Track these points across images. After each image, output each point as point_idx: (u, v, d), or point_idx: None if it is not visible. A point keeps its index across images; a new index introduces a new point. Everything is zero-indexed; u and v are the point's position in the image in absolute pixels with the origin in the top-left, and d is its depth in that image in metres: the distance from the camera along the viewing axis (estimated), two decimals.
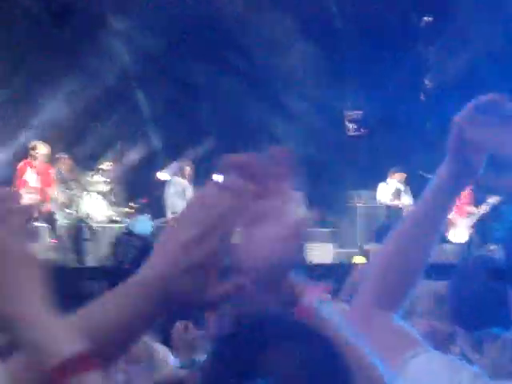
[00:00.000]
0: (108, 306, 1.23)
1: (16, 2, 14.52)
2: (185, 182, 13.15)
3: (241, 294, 1.22)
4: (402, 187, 13.63)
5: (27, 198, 11.75)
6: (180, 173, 13.28)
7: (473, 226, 13.46)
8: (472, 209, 13.54)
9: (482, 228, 13.55)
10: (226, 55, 14.73)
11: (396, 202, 13.49)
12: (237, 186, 1.23)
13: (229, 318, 2.92)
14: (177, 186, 13.09)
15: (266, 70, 14.65)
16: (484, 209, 13.45)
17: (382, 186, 13.80)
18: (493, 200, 13.39)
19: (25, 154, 12.70)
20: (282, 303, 1.26)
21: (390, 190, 13.65)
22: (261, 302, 1.26)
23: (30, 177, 12.30)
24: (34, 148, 12.25)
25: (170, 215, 12.82)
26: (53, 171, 12.73)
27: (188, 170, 13.25)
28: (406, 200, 13.43)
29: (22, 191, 12.05)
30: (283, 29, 14.55)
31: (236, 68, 14.67)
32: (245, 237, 1.26)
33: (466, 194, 13.47)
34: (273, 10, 14.50)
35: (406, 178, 13.61)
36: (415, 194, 13.38)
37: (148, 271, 1.23)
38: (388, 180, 13.81)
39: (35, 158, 12.30)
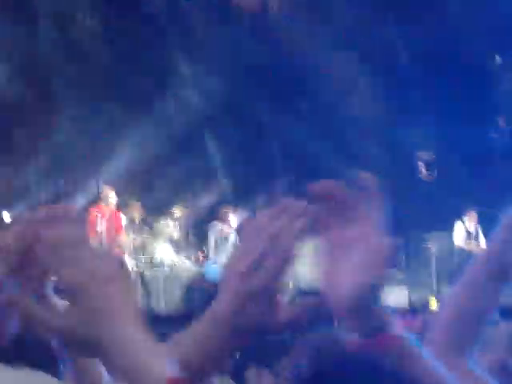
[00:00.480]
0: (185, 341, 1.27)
1: (90, 51, 14.85)
2: (224, 227, 12.95)
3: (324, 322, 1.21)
4: (474, 228, 13.38)
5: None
6: (220, 217, 13.04)
7: None
8: None
9: None
10: (294, 97, 14.75)
11: (469, 245, 13.23)
12: (287, 207, 1.23)
13: (305, 360, 2.81)
14: (215, 231, 12.91)
15: (335, 111, 14.61)
16: None
17: (457, 228, 13.55)
18: None
19: (97, 199, 12.84)
20: (370, 328, 1.23)
21: (464, 232, 13.42)
22: (348, 327, 1.24)
23: (99, 222, 12.39)
24: (103, 193, 12.39)
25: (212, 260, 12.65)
26: (123, 217, 12.81)
27: (228, 215, 12.96)
28: (482, 241, 13.21)
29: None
30: (350, 69, 14.52)
31: (304, 110, 14.67)
32: (331, 264, 1.25)
33: None
34: (339, 50, 14.49)
35: (478, 219, 13.37)
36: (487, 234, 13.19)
37: (215, 306, 1.26)
38: (462, 221, 13.58)
39: (105, 204, 12.42)
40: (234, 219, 12.89)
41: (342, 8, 14.85)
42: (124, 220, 12.92)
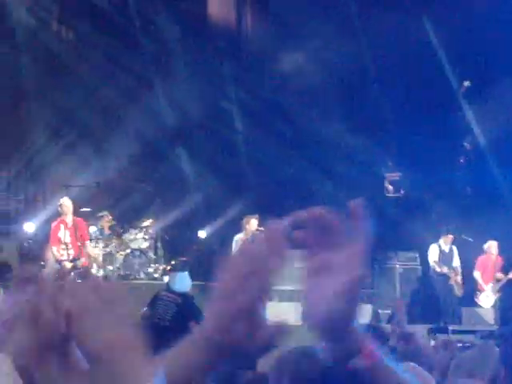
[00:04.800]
0: (173, 360, 1.28)
1: None
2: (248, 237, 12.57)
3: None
4: (449, 249, 13.54)
5: (61, 253, 11.82)
6: (244, 228, 12.50)
7: (499, 291, 13.57)
8: (500, 275, 13.64)
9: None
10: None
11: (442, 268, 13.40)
12: (274, 237, 1.28)
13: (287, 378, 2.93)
14: (238, 243, 12.33)
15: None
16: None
17: (431, 249, 13.61)
18: None
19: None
20: (347, 350, 1.30)
21: (438, 253, 13.48)
22: (326, 349, 1.30)
23: (63, 233, 12.15)
24: (61, 205, 12.17)
25: None
26: (90, 226, 12.80)
27: (253, 223, 12.46)
28: (456, 262, 13.45)
29: (57, 248, 11.99)
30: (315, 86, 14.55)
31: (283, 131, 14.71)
32: (310, 286, 1.30)
33: (497, 261, 13.52)
34: None
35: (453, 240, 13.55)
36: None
37: (203, 324, 1.29)
38: (438, 243, 13.64)
39: (64, 214, 12.14)
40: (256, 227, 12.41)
41: None
42: (92, 230, 12.98)
